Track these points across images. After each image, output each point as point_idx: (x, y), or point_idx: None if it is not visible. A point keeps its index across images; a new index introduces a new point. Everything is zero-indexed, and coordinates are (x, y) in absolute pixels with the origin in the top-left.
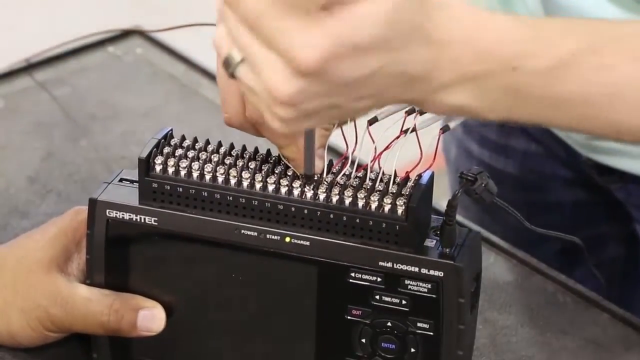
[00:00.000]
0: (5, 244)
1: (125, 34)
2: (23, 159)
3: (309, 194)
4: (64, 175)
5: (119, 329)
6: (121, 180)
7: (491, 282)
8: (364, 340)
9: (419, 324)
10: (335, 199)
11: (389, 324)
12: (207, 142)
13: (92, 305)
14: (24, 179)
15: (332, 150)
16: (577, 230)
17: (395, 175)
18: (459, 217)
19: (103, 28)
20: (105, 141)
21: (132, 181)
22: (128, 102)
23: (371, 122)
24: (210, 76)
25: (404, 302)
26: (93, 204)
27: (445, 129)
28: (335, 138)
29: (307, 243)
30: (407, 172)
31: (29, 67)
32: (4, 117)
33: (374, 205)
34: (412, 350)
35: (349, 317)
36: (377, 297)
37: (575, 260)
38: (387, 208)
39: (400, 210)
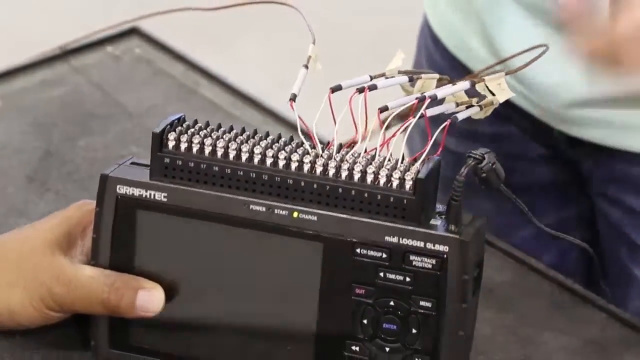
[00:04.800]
0: (8, 233)
1: (124, 34)
2: (22, 158)
3: (319, 169)
4: (63, 174)
5: (118, 308)
6: (132, 164)
7: (489, 281)
8: (365, 321)
9: (421, 303)
10: (344, 174)
11: (391, 303)
12: (219, 126)
13: (95, 283)
14: (22, 178)
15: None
16: (546, 214)
17: (403, 158)
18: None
19: (102, 28)
20: (104, 140)
21: (142, 165)
22: (127, 101)
23: (382, 109)
24: (209, 76)
25: (407, 279)
26: (104, 179)
27: (454, 120)
28: (345, 126)
29: (315, 218)
30: (414, 156)
31: (28, 67)
32: (3, 117)
33: (382, 181)
34: (414, 331)
35: (352, 297)
36: (382, 274)
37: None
38: (395, 183)
39: (408, 185)
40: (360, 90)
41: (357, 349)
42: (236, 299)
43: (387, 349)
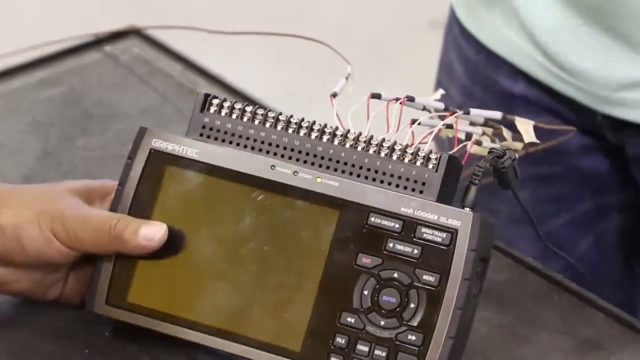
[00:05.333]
0: None
1: (122, 34)
2: (20, 157)
3: (349, 143)
4: (60, 174)
5: (122, 237)
6: None
7: (487, 281)
8: (366, 292)
9: (425, 277)
10: (372, 149)
11: (395, 275)
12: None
13: (105, 217)
14: (20, 177)
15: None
16: (583, 200)
17: (430, 151)
18: None
19: (100, 27)
20: (101, 140)
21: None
22: (125, 101)
23: (414, 121)
24: (207, 75)
25: (415, 251)
26: (142, 132)
27: (478, 143)
28: (376, 127)
29: (337, 184)
30: (440, 153)
31: (26, 66)
32: (1, 116)
33: (407, 159)
34: (412, 305)
35: (356, 266)
36: (391, 244)
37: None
38: (420, 162)
39: (432, 164)
40: (397, 99)
41: (352, 320)
42: (245, 261)
43: (382, 323)
